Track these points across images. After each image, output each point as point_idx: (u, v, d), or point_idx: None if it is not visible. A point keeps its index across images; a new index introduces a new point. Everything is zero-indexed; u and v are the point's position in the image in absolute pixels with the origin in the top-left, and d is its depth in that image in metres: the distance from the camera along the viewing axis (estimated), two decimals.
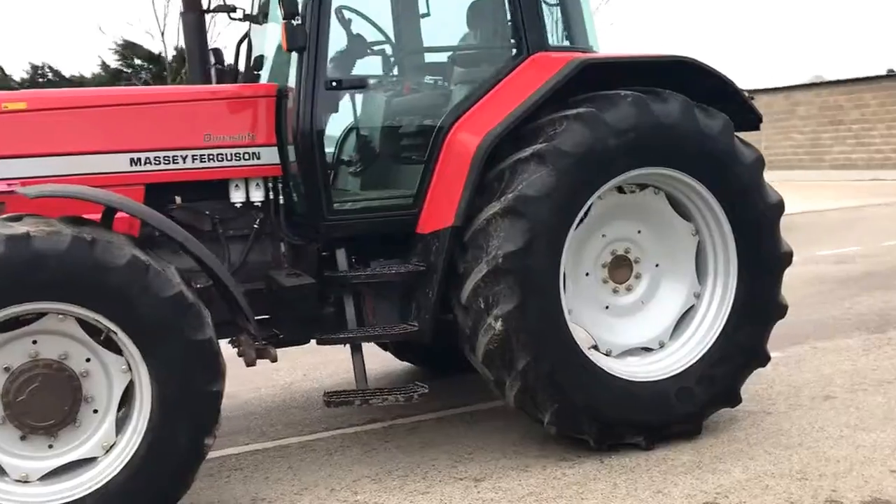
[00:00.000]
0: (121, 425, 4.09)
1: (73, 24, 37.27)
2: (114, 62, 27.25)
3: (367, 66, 5.21)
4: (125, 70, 26.12)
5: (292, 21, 4.55)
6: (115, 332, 3.92)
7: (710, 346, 5.06)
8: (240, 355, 4.70)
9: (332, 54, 4.93)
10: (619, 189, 5.04)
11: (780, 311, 5.19)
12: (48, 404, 3.93)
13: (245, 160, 4.83)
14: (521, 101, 4.75)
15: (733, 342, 5.06)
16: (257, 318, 4.93)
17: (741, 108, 5.24)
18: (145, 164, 4.65)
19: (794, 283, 9.72)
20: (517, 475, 4.68)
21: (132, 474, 3.98)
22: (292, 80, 4.77)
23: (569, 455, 4.88)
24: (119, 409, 4.11)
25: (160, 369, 3.96)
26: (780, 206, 5.12)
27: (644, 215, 5.12)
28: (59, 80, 29.05)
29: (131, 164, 4.63)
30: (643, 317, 5.19)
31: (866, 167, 26.06)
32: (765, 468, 4.61)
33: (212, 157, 4.77)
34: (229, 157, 4.80)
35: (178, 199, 4.79)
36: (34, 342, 3.92)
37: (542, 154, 4.56)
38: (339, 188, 5.15)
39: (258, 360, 4.74)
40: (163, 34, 18.74)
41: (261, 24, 5.55)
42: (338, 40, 5.00)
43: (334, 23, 4.83)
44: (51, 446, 4.00)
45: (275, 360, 4.63)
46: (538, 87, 4.75)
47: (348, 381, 4.84)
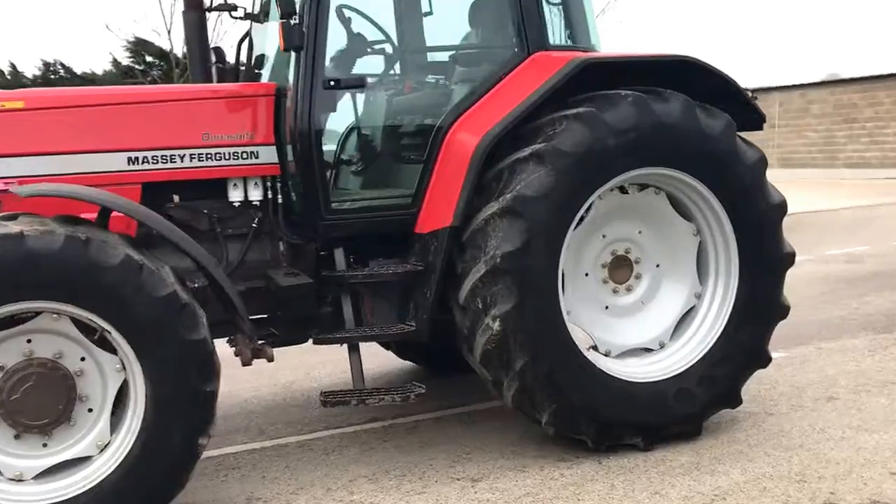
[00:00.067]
0: (115, 424, 4.08)
1: (84, 22, 37.38)
2: (125, 59, 27.37)
3: (367, 65, 5.19)
4: (136, 67, 26.20)
5: (289, 20, 4.54)
6: (109, 332, 3.92)
7: (710, 346, 5.03)
8: (236, 355, 4.70)
9: (331, 53, 4.91)
10: (621, 189, 5.01)
11: (782, 311, 5.14)
12: (42, 403, 3.93)
13: (243, 159, 4.82)
14: (520, 100, 4.72)
15: (734, 343, 5.02)
16: (256, 317, 4.94)
17: (744, 108, 5.20)
18: (143, 163, 4.64)
19: (801, 282, 9.70)
20: (514, 475, 4.66)
21: (126, 473, 3.98)
22: (291, 80, 4.75)
23: (567, 456, 4.86)
24: (115, 408, 4.11)
25: (154, 369, 3.96)
26: (782, 207, 5.07)
27: (645, 215, 5.08)
28: (71, 77, 29.20)
29: (129, 163, 4.62)
30: (643, 317, 5.15)
31: (880, 166, 25.89)
32: (763, 470, 4.57)
33: (210, 156, 4.76)
34: (227, 157, 4.79)
35: (176, 198, 4.78)
36: (28, 341, 3.92)
37: (541, 154, 4.53)
38: (338, 187, 5.13)
39: (255, 360, 4.75)
40: (169, 32, 18.58)
41: (262, 23, 5.54)
42: (337, 39, 4.98)
43: (334, 22, 4.82)
44: (45, 445, 4.00)
45: (271, 359, 4.62)
46: (538, 86, 4.72)
47: (349, 381, 4.81)
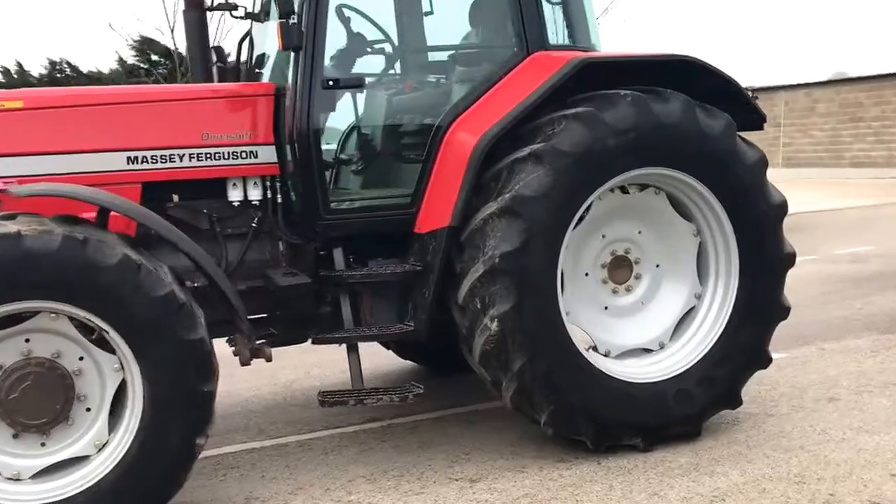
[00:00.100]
0: (114, 424, 4.09)
1: (90, 20, 37.45)
2: (131, 58, 27.41)
3: (366, 64, 5.18)
4: (142, 66, 26.23)
5: (288, 20, 4.54)
6: (106, 331, 3.92)
7: (710, 347, 5.01)
8: (235, 354, 4.70)
9: (330, 53, 4.91)
10: (622, 189, 5.00)
11: (783, 312, 5.13)
12: (41, 402, 3.94)
13: (242, 159, 4.82)
14: (519, 100, 4.71)
15: (734, 343, 5.01)
16: (255, 317, 4.95)
17: (744, 108, 5.18)
18: (142, 162, 4.64)
19: (805, 282, 9.68)
20: (513, 476, 4.65)
21: (124, 473, 3.98)
22: (290, 79, 4.75)
23: (566, 456, 4.85)
24: (113, 408, 4.12)
25: (152, 368, 3.96)
26: (782, 207, 5.05)
27: (645, 216, 5.07)
28: (77, 76, 29.26)
29: (128, 163, 4.62)
30: (643, 318, 5.14)
31: (886, 165, 25.82)
32: (763, 471, 4.56)
33: (209, 155, 4.75)
34: (227, 156, 4.78)
35: (175, 198, 4.78)
36: (27, 340, 3.93)
37: (540, 154, 4.52)
38: (337, 187, 5.13)
39: (255, 360, 4.75)
40: (172, 31, 18.48)
41: (262, 23, 5.54)
42: (337, 39, 4.97)
43: (333, 21, 4.81)
44: (43, 444, 4.01)
45: (270, 359, 4.63)
46: (537, 86, 4.71)
47: (349, 380, 4.79)
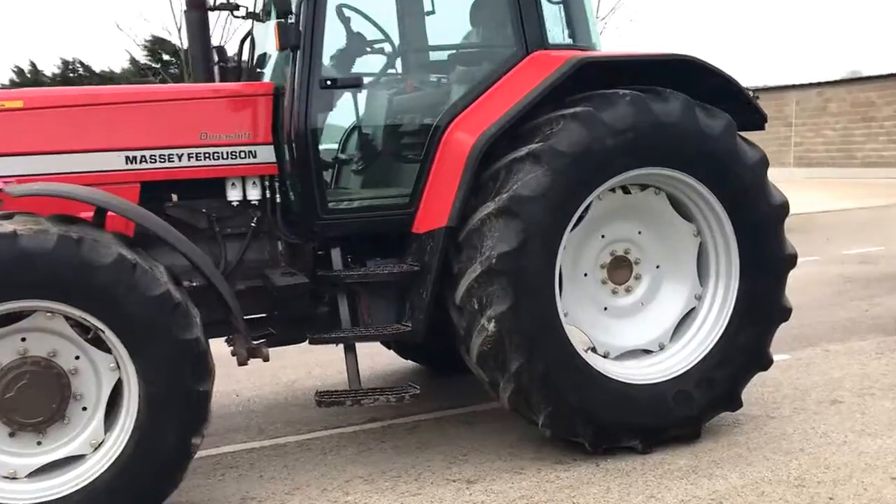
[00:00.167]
0: (110, 423, 4.10)
1: (104, 20, 37.63)
2: (143, 58, 27.57)
3: (364, 64, 5.17)
4: (153, 65, 26.36)
5: (285, 20, 4.54)
6: (102, 331, 3.93)
7: (710, 348, 4.98)
8: (233, 354, 4.70)
9: (328, 53, 4.91)
10: (623, 189, 4.97)
11: (784, 313, 5.09)
12: (37, 401, 3.94)
13: (241, 158, 4.82)
14: (517, 99, 4.69)
15: (734, 345, 4.98)
16: (255, 316, 4.96)
17: (745, 108, 5.15)
18: (141, 162, 4.65)
19: (813, 283, 9.63)
20: (510, 478, 4.63)
21: (119, 472, 3.98)
22: (288, 79, 4.74)
23: (564, 458, 4.83)
24: (109, 407, 4.12)
25: (147, 368, 3.96)
26: (784, 207, 5.02)
27: (644, 216, 5.04)
28: (90, 76, 29.45)
29: (127, 163, 4.62)
30: (643, 318, 5.11)
31: None
32: (762, 474, 4.53)
33: (208, 155, 4.75)
34: (225, 156, 4.78)
35: (174, 198, 4.79)
36: (23, 339, 3.94)
37: (538, 154, 4.51)
38: (335, 187, 5.12)
39: (256, 359, 4.76)
40: (179, 31, 18.56)
41: (263, 22, 5.54)
42: (335, 39, 4.97)
43: (331, 21, 4.80)
44: (39, 443, 4.02)
45: (267, 359, 4.63)
46: (535, 85, 4.69)
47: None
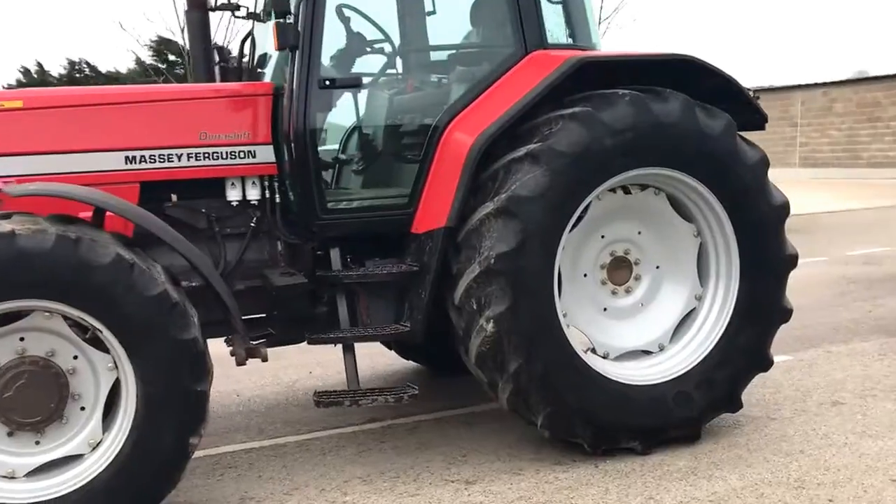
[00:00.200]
0: (107, 423, 4.10)
1: (109, 21, 37.76)
2: (149, 58, 27.61)
3: (363, 64, 5.17)
4: (159, 66, 26.39)
5: (283, 19, 4.54)
6: (100, 331, 3.93)
7: (710, 349, 4.97)
8: (232, 355, 4.70)
9: (327, 53, 4.91)
10: (624, 189, 4.96)
11: (784, 314, 5.07)
12: (35, 401, 3.95)
13: (240, 158, 4.82)
14: (516, 99, 4.69)
15: (734, 346, 4.96)
16: (254, 316, 4.96)
17: (746, 108, 5.13)
18: (140, 162, 4.65)
19: (816, 284, 9.60)
20: (509, 478, 4.62)
21: (117, 472, 3.98)
22: (287, 79, 4.74)
23: (564, 459, 4.82)
24: (108, 407, 4.13)
25: (145, 368, 3.96)
26: (784, 208, 5.00)
27: (644, 216, 5.03)
28: (96, 76, 29.54)
29: (126, 163, 4.63)
30: (643, 319, 5.10)
31: None
32: (762, 476, 4.51)
33: (207, 155, 4.76)
34: (225, 156, 4.78)
35: (174, 198, 4.79)
36: (21, 339, 3.94)
37: (536, 154, 4.50)
38: (334, 187, 5.11)
39: (257, 359, 4.77)
40: (182, 31, 18.56)
41: (264, 23, 5.54)
42: (334, 39, 4.97)
43: (330, 21, 4.80)
44: (38, 443, 4.02)
45: (265, 359, 4.63)
46: (534, 85, 4.68)
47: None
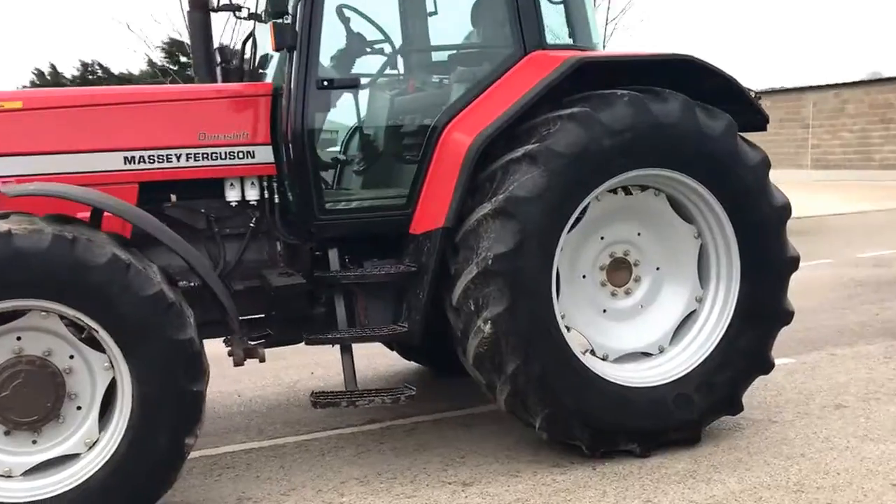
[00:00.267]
0: (104, 423, 4.11)
1: (117, 22, 37.93)
2: (160, 59, 27.70)
3: (362, 65, 5.16)
4: (170, 67, 26.48)
5: (280, 20, 4.55)
6: (96, 330, 3.94)
7: (710, 351, 4.94)
8: (230, 355, 4.71)
9: (326, 53, 4.90)
10: (625, 190, 4.94)
11: (786, 316, 5.04)
12: (32, 400, 3.96)
13: (239, 159, 4.82)
14: (515, 100, 4.67)
15: (735, 348, 4.93)
16: (253, 317, 4.96)
17: (748, 109, 5.10)
18: (139, 162, 4.66)
19: (824, 286, 9.55)
20: (506, 480, 4.61)
21: (113, 471, 3.99)
22: (285, 80, 4.75)
23: (562, 461, 4.80)
24: (104, 406, 4.13)
25: (141, 368, 3.97)
26: (786, 209, 4.97)
27: (644, 217, 5.00)
28: (108, 78, 29.68)
29: (125, 163, 4.64)
30: (643, 321, 5.07)
31: None
32: (761, 479, 4.48)
33: (206, 155, 4.76)
34: (224, 156, 4.79)
35: (173, 198, 4.80)
36: (18, 338, 3.96)
37: (534, 154, 4.48)
38: (332, 188, 5.10)
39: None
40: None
41: (265, 23, 5.53)
42: (333, 39, 4.97)
43: (328, 21, 4.80)
44: (35, 442, 4.04)
45: (263, 360, 4.63)
46: (532, 86, 4.67)
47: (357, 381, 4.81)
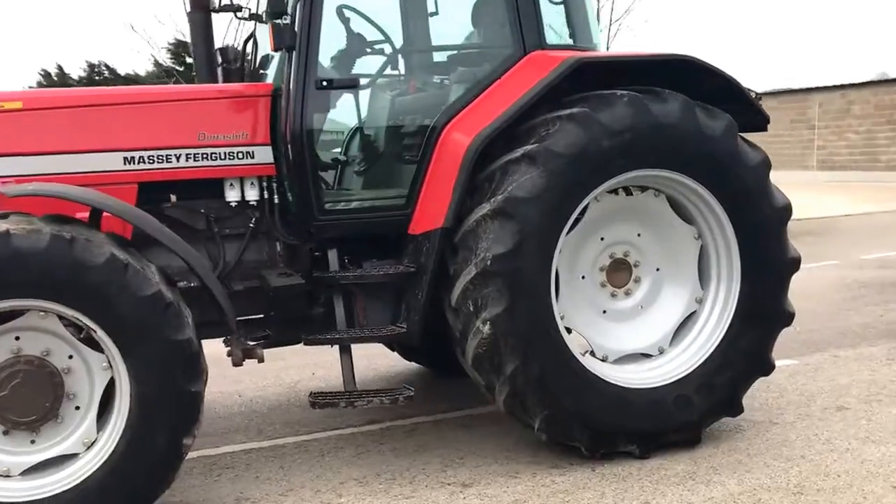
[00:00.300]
0: (102, 423, 4.11)
1: (121, 22, 37.99)
2: (167, 60, 27.73)
3: (361, 65, 5.16)
4: (177, 68, 26.51)
5: (279, 20, 4.55)
6: (94, 330, 3.94)
7: (710, 352, 4.92)
8: (228, 355, 4.72)
9: (325, 53, 4.90)
10: (626, 191, 4.93)
11: (786, 318, 5.02)
12: (30, 400, 3.96)
13: (239, 159, 4.82)
14: (514, 100, 4.67)
15: (735, 349, 4.91)
16: (252, 317, 4.96)
17: (748, 109, 5.09)
18: (139, 162, 4.66)
19: (827, 287, 9.53)
20: (505, 481, 4.60)
21: (111, 471, 4.00)
22: (284, 80, 4.75)
23: (561, 462, 4.79)
24: (103, 406, 4.14)
25: (139, 368, 3.97)
26: (786, 210, 4.95)
27: (644, 218, 4.99)
28: (115, 78, 29.71)
29: (125, 163, 4.64)
30: (642, 322, 5.06)
31: None
32: (761, 481, 4.46)
33: (205, 155, 4.77)
34: (223, 156, 4.79)
35: (173, 198, 4.80)
36: (17, 338, 3.96)
37: (533, 155, 4.48)
38: (331, 188, 5.10)
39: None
40: None
41: (266, 24, 5.53)
42: (332, 39, 4.96)
43: (328, 22, 4.80)
44: (33, 442, 4.04)
45: (261, 360, 4.64)
46: (532, 86, 4.66)
47: (357, 381, 4.79)
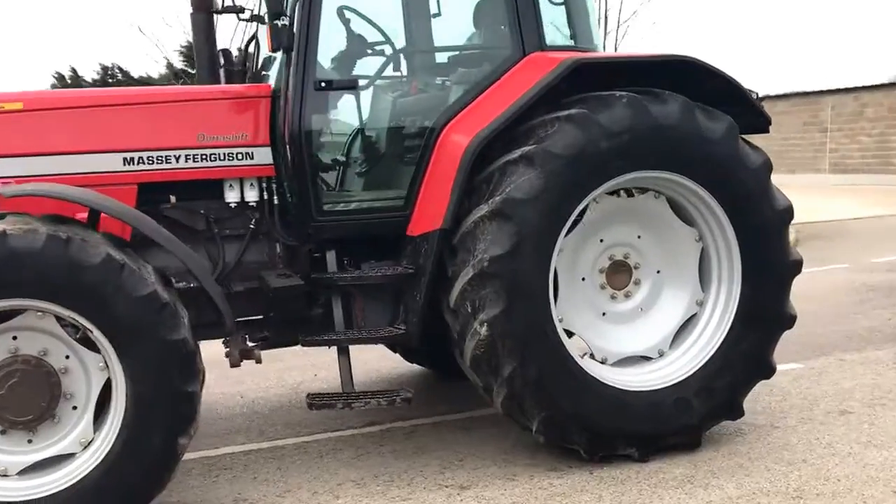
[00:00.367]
0: (99, 423, 4.12)
1: (129, 24, 38.13)
2: (178, 62, 27.84)
3: (360, 66, 5.16)
4: (189, 70, 26.60)
5: (277, 21, 4.55)
6: (90, 330, 3.95)
7: (711, 355, 4.89)
8: (227, 356, 4.72)
9: (324, 54, 4.90)
10: (628, 192, 4.91)
11: (787, 320, 4.99)
12: (27, 400, 3.98)
13: (238, 160, 4.83)
14: (512, 101, 4.66)
15: (736, 352, 4.88)
16: (252, 318, 4.96)
17: (749, 111, 5.06)
18: (138, 163, 4.68)
19: (836, 290, 9.47)
20: (503, 484, 4.58)
21: (107, 471, 4.01)
22: (283, 81, 4.75)
23: (559, 465, 4.77)
24: (100, 406, 4.15)
25: (135, 368, 3.98)
26: (788, 212, 4.92)
27: (644, 220, 4.97)
28: (128, 81, 29.84)
29: (124, 164, 4.66)
30: (642, 324, 5.03)
31: None
32: (760, 485, 4.43)
33: (205, 156, 4.77)
34: (223, 157, 4.80)
35: (172, 199, 4.81)
36: (14, 338, 3.98)
37: (531, 156, 4.46)
38: (330, 189, 5.10)
39: (258, 362, 4.79)
40: None
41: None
42: (332, 40, 4.96)
43: (326, 22, 4.80)
44: (30, 441, 4.06)
45: (259, 361, 4.65)
46: (530, 87, 4.65)
47: (358, 383, 4.79)
